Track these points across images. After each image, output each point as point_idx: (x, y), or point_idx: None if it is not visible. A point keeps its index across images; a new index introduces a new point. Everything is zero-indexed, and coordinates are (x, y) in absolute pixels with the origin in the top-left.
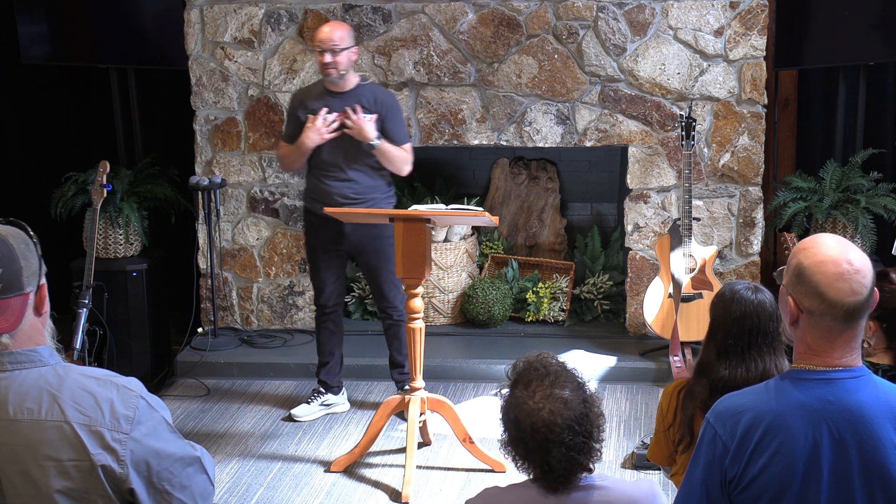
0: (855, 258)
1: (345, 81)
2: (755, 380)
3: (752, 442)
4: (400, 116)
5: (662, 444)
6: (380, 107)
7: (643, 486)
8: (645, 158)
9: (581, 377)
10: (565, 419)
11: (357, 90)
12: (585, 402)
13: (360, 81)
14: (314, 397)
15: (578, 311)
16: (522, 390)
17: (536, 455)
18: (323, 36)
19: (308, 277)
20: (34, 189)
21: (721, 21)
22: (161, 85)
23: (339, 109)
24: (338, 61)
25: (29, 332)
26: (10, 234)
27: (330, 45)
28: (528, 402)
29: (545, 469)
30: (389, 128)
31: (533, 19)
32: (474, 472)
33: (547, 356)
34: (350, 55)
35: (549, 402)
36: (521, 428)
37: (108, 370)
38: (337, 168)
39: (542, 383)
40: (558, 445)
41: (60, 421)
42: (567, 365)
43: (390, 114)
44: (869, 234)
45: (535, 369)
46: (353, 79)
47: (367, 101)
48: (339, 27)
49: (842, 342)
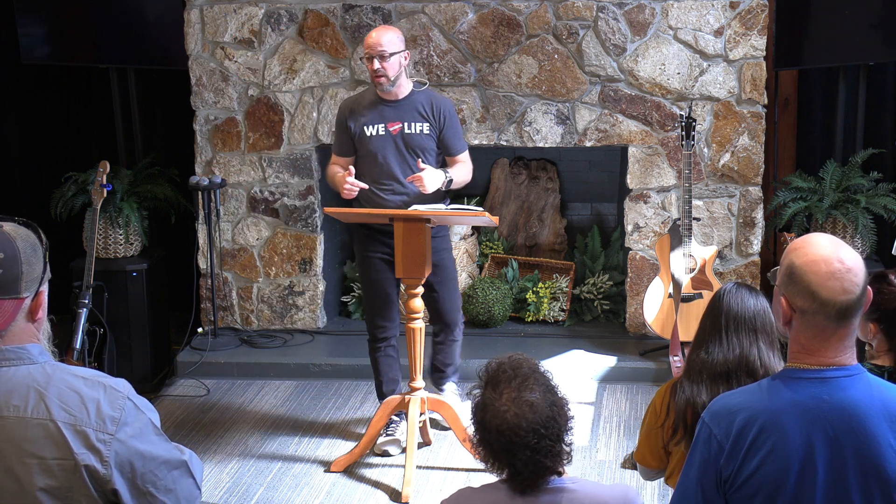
0: (846, 257)
1: (398, 88)
2: (732, 363)
3: (746, 441)
4: (457, 123)
5: (653, 440)
6: (437, 114)
7: (616, 489)
8: (645, 158)
9: (552, 380)
10: (530, 422)
11: (411, 97)
12: (553, 405)
13: (415, 87)
14: (392, 428)
15: (578, 311)
16: (491, 392)
17: (503, 457)
18: (370, 41)
19: (308, 277)
20: (34, 189)
21: (721, 21)
22: (161, 85)
23: (395, 119)
24: (387, 67)
25: (18, 333)
26: (21, 236)
27: (378, 49)
28: (494, 404)
29: (512, 471)
30: (447, 137)
31: (533, 19)
32: (474, 472)
33: (520, 358)
34: (401, 60)
35: (514, 404)
36: (487, 429)
37: (97, 370)
38: (392, 180)
39: (510, 385)
40: (523, 448)
41: (46, 419)
42: (539, 367)
43: (448, 122)
44: (869, 234)
45: (505, 371)
46: (406, 85)
47: (423, 109)
48: (386, 30)
49: (835, 341)
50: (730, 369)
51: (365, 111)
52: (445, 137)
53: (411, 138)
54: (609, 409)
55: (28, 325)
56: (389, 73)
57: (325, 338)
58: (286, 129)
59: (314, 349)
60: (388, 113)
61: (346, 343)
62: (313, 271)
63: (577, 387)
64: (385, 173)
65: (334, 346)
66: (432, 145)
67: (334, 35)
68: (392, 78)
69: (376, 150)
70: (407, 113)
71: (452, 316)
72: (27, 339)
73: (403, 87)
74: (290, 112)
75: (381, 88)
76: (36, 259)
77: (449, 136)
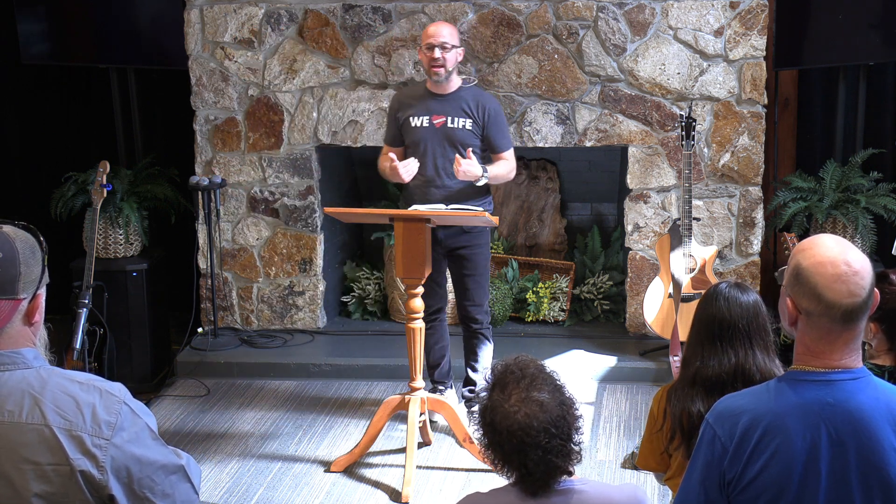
0: (854, 259)
1: (448, 83)
2: (728, 373)
3: (750, 443)
4: (502, 121)
5: (654, 445)
6: (481, 112)
7: (626, 490)
8: (645, 158)
9: (559, 380)
10: (541, 422)
11: (459, 93)
12: (562, 404)
13: (463, 84)
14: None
15: (578, 311)
16: (499, 393)
17: (514, 458)
18: (431, 31)
19: (308, 277)
20: (34, 189)
21: (721, 21)
22: (161, 85)
23: (441, 112)
24: (447, 58)
25: (14, 336)
26: (20, 238)
27: (440, 40)
28: (503, 406)
29: (523, 472)
30: (491, 135)
31: (533, 19)
32: (474, 472)
33: (525, 359)
34: (457, 55)
35: (524, 405)
36: (497, 431)
37: (93, 374)
38: (433, 174)
39: (518, 386)
40: (535, 448)
41: (41, 424)
42: (545, 368)
43: (492, 119)
44: (869, 235)
45: (512, 372)
46: (456, 81)
47: (468, 105)
48: (447, 24)
49: (841, 343)
50: (725, 380)
51: (413, 102)
52: (488, 135)
53: (454, 133)
54: (609, 409)
55: (24, 328)
56: (448, 65)
57: (325, 338)
58: (286, 129)
59: (314, 349)
60: (434, 106)
61: (346, 343)
62: (313, 271)
63: (578, 387)
64: (427, 165)
65: (334, 346)
66: (475, 142)
67: (334, 35)
68: (449, 70)
69: (419, 140)
70: (452, 108)
71: (469, 310)
72: (23, 342)
73: (453, 83)
74: (290, 112)
75: (436, 78)
76: (35, 261)
77: (492, 133)
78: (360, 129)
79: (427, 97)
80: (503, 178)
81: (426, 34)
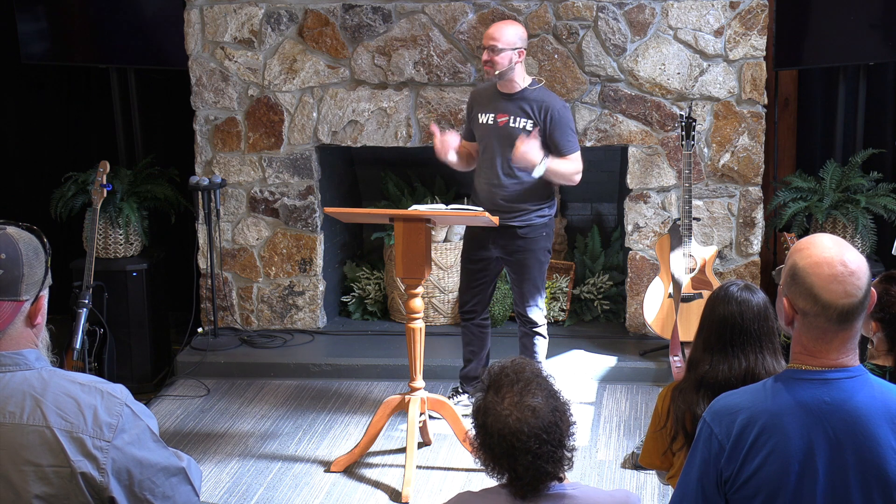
0: (850, 260)
1: (510, 83)
2: (737, 377)
3: (747, 441)
4: (565, 123)
5: (658, 443)
6: (543, 114)
7: (617, 496)
8: (645, 158)
9: (555, 385)
10: (532, 427)
11: (523, 93)
12: (556, 410)
13: (530, 85)
14: (453, 397)
15: (578, 311)
16: (493, 395)
17: (503, 461)
18: (487, 32)
19: (308, 277)
20: (34, 189)
21: (721, 21)
22: (161, 85)
23: (503, 111)
24: (496, 60)
25: (16, 337)
26: (24, 239)
27: (490, 42)
28: (496, 408)
29: (512, 476)
30: (554, 137)
31: (533, 19)
32: (474, 472)
33: (522, 362)
34: (512, 56)
35: (517, 409)
36: (488, 433)
37: (95, 376)
38: (493, 173)
39: (513, 390)
40: (525, 454)
41: (42, 426)
42: (542, 372)
43: (555, 121)
44: (869, 235)
45: (507, 375)
46: (521, 81)
47: (531, 106)
48: (506, 26)
49: (837, 343)
50: (734, 384)
51: (484, 100)
52: (552, 137)
53: (514, 133)
54: (609, 409)
55: (26, 329)
56: (497, 67)
57: (325, 338)
58: (286, 129)
59: (314, 349)
60: (500, 104)
61: (346, 343)
62: (313, 271)
63: (578, 387)
64: (487, 165)
65: (334, 346)
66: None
67: (334, 35)
68: (499, 71)
69: (484, 137)
70: (515, 107)
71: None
72: (24, 344)
73: (517, 83)
74: (290, 112)
75: (490, 78)
76: (38, 263)
77: (556, 135)
78: (360, 129)
79: (496, 96)
80: (564, 176)
81: (484, 34)
